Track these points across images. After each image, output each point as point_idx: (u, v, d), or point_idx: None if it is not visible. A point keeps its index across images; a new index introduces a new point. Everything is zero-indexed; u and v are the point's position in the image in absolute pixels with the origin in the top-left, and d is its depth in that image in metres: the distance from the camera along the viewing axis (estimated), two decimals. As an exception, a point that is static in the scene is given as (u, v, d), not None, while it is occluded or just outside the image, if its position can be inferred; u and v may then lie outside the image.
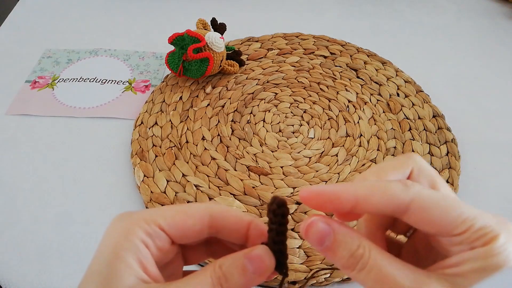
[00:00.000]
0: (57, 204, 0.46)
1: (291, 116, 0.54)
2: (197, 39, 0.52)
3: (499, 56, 0.65)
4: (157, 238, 0.21)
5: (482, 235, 0.18)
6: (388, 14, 0.72)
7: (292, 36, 0.64)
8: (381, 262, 0.18)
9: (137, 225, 0.20)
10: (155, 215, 0.21)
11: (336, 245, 0.19)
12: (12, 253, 0.42)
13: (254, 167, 0.48)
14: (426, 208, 0.18)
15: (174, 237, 0.21)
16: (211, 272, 0.19)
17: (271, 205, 0.20)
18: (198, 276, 0.19)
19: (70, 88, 0.58)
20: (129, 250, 0.19)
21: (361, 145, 0.51)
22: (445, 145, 0.51)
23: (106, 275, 0.19)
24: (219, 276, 0.19)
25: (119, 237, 0.20)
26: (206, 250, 0.25)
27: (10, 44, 0.65)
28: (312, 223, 0.19)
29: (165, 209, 0.21)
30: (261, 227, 0.22)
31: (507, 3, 0.75)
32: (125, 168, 0.49)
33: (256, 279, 0.20)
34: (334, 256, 0.19)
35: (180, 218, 0.21)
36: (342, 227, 0.19)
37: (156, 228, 0.20)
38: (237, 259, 0.20)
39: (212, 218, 0.22)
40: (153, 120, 0.53)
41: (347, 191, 0.19)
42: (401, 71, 0.60)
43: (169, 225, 0.21)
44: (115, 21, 0.69)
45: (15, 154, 0.50)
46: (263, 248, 0.20)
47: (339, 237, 0.19)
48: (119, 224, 0.21)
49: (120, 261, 0.19)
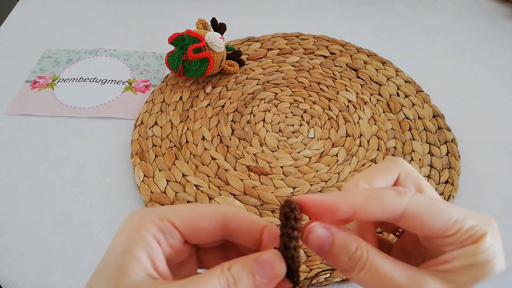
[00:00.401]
0: (57, 204, 0.46)
1: (291, 116, 0.54)
2: (197, 39, 0.52)
3: (499, 56, 0.65)
4: (170, 235, 0.21)
5: (471, 235, 0.19)
6: (388, 14, 0.72)
7: (292, 36, 0.64)
8: (378, 262, 0.19)
9: (150, 221, 0.20)
10: (168, 212, 0.21)
11: (335, 248, 0.20)
12: (13, 253, 0.42)
13: (254, 167, 0.48)
14: (419, 214, 0.19)
15: (187, 236, 0.21)
16: (219, 273, 0.19)
17: (283, 207, 0.20)
18: (206, 276, 0.19)
19: (70, 88, 0.58)
20: (141, 245, 0.19)
21: (361, 145, 0.51)
22: (445, 145, 0.51)
23: (116, 268, 0.19)
24: (228, 278, 0.19)
25: (132, 232, 0.20)
26: (221, 254, 0.24)
27: (10, 44, 0.65)
28: (311, 229, 0.20)
29: (179, 208, 0.21)
30: (275, 232, 0.21)
31: (507, 3, 0.75)
32: (125, 168, 0.49)
33: (265, 284, 0.19)
34: (334, 259, 0.20)
35: (194, 217, 0.21)
36: (340, 231, 0.20)
37: (169, 225, 0.20)
38: (247, 262, 0.20)
39: (225, 220, 0.21)
40: (153, 120, 0.53)
41: (345, 202, 0.20)
42: (401, 71, 0.60)
43: (182, 223, 0.21)
44: (115, 21, 0.69)
45: (15, 154, 0.50)
46: (274, 253, 0.20)
47: (338, 241, 0.20)
48: (133, 219, 0.21)
49: (131, 256, 0.19)
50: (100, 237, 0.43)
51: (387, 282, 0.19)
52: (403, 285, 0.18)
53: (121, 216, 0.45)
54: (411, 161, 0.49)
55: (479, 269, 0.19)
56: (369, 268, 0.19)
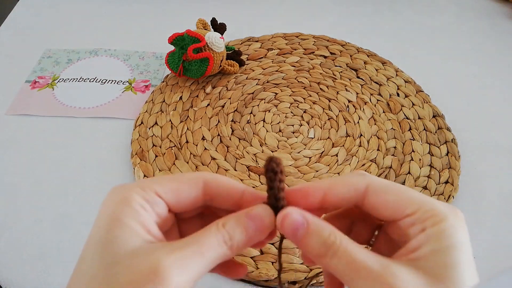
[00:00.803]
0: (57, 204, 0.46)
1: (291, 116, 0.54)
2: (197, 39, 0.52)
3: (499, 56, 0.65)
4: (155, 204, 0.21)
5: (432, 215, 0.20)
6: (388, 14, 0.72)
7: (292, 36, 0.64)
8: (351, 249, 0.20)
9: (134, 192, 0.21)
10: (150, 182, 0.21)
11: (309, 233, 0.20)
12: (12, 253, 0.42)
13: (254, 167, 0.48)
14: (380, 191, 0.21)
15: (171, 204, 0.22)
16: (215, 230, 0.20)
17: (268, 164, 0.21)
18: (204, 234, 0.20)
19: (70, 88, 0.58)
20: (129, 215, 0.20)
21: (361, 145, 0.51)
22: (445, 145, 0.51)
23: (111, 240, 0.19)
24: (223, 235, 0.20)
25: (117, 206, 0.20)
26: (201, 223, 0.25)
27: (10, 44, 0.65)
28: (287, 215, 0.21)
29: (161, 178, 0.22)
30: (254, 194, 0.23)
31: (507, 3, 0.75)
32: (125, 168, 0.49)
33: (258, 236, 0.21)
34: (307, 244, 0.21)
35: (176, 185, 0.22)
36: (314, 217, 0.21)
37: (153, 194, 0.21)
38: (239, 218, 0.21)
39: (206, 185, 0.22)
40: (153, 120, 0.53)
41: (314, 186, 0.22)
42: (401, 71, 0.60)
43: (165, 192, 0.21)
44: (115, 21, 0.69)
45: (15, 154, 0.50)
46: (263, 207, 0.22)
47: (312, 227, 0.21)
48: (114, 195, 0.21)
49: (122, 226, 0.19)
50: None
51: (360, 268, 0.19)
52: (376, 270, 0.19)
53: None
54: (411, 161, 0.49)
55: (445, 255, 0.19)
56: (342, 253, 0.20)
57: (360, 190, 0.21)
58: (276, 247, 0.42)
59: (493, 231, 0.45)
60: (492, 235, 0.44)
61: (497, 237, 0.44)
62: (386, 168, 0.48)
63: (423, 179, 0.47)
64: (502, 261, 0.42)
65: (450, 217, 0.20)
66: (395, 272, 0.19)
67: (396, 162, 0.49)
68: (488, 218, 0.46)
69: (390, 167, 0.49)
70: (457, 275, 0.19)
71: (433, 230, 0.19)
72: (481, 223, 0.45)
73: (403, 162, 0.49)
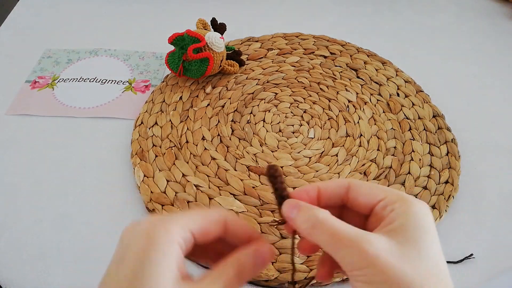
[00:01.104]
0: (57, 204, 0.46)
1: (291, 116, 0.54)
2: (197, 39, 0.52)
3: (499, 56, 0.65)
4: (189, 242, 0.23)
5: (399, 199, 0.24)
6: (388, 14, 0.72)
7: (292, 36, 0.64)
8: (332, 221, 0.24)
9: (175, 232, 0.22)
10: (187, 220, 0.24)
11: (300, 212, 0.25)
12: (12, 253, 0.42)
13: (254, 167, 0.48)
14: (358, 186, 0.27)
15: (198, 240, 0.24)
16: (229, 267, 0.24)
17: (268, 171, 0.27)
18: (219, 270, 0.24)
19: (70, 88, 0.58)
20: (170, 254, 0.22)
21: (361, 145, 0.51)
22: (445, 145, 0.51)
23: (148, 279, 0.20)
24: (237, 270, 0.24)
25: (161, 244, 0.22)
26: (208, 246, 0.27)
27: (10, 44, 0.65)
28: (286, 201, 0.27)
29: (193, 215, 0.24)
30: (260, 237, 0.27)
31: (507, 3, 0.75)
32: (125, 168, 0.49)
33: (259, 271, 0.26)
34: (298, 221, 0.25)
35: (205, 224, 0.24)
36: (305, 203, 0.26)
37: (189, 234, 0.23)
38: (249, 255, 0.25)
39: (227, 224, 0.26)
40: (153, 120, 0.53)
41: (311, 184, 0.28)
42: (401, 71, 0.60)
43: (197, 230, 0.24)
44: (115, 21, 0.69)
45: (15, 154, 0.50)
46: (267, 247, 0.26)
47: (302, 208, 0.25)
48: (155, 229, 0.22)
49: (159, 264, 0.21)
50: (100, 237, 0.43)
51: (341, 238, 0.23)
52: (354, 240, 0.22)
53: (121, 216, 0.45)
54: (411, 161, 0.49)
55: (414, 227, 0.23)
56: (323, 224, 0.24)
57: (345, 186, 0.27)
58: (276, 247, 0.42)
59: (493, 231, 0.45)
60: (492, 235, 0.44)
61: (497, 237, 0.44)
62: (386, 168, 0.48)
63: (423, 179, 0.47)
64: (502, 261, 0.42)
65: (416, 203, 0.24)
66: (370, 239, 0.22)
67: (396, 162, 0.49)
68: (488, 218, 0.46)
69: (390, 167, 0.49)
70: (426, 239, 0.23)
71: (401, 209, 0.24)
72: (481, 223, 0.45)
73: (403, 162, 0.49)
